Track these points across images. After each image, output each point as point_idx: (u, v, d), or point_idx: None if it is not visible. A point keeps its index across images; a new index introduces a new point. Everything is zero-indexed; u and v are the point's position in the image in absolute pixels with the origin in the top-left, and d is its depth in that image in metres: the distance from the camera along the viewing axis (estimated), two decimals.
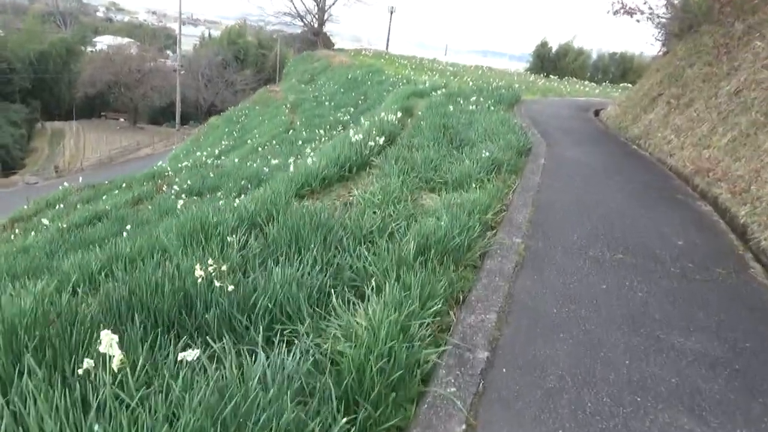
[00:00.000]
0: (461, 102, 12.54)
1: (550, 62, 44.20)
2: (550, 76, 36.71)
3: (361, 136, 7.10)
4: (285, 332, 2.71)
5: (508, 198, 5.87)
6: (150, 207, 9.07)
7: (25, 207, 12.01)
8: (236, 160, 12.78)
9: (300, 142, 13.65)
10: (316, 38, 42.04)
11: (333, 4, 40.30)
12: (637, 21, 14.97)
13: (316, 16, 40.33)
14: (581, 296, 3.56)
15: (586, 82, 33.08)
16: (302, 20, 40.95)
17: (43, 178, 31.83)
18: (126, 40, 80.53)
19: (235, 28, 77.72)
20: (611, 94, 24.33)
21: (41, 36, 53.30)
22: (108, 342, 1.87)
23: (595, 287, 3.72)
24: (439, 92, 14.08)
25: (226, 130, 22.28)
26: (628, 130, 11.71)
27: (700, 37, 11.66)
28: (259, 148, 13.68)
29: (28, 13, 56.30)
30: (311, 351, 2.51)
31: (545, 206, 5.52)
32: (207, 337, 2.54)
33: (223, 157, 15.19)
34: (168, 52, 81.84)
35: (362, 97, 20.51)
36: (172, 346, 2.36)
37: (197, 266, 2.81)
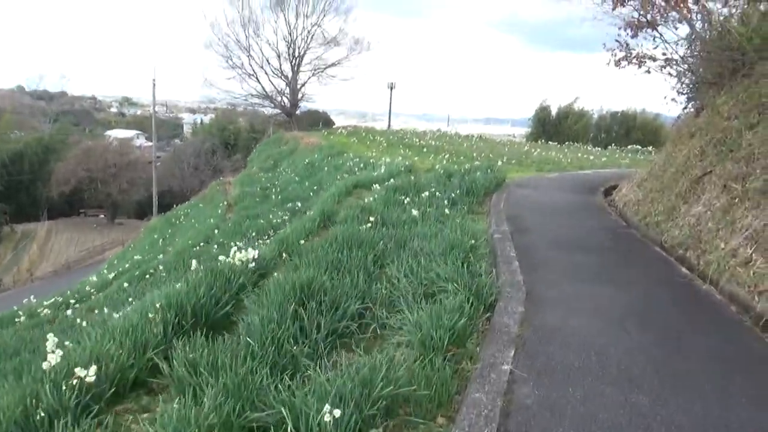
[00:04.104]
0: (405, 201, 8.50)
1: (551, 126, 40.91)
2: (549, 142, 33.22)
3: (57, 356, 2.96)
4: None
5: None
6: None
7: None
8: (68, 312, 8.67)
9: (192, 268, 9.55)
10: (289, 119, 39.00)
11: (305, 82, 37.57)
12: (647, 71, 11.19)
13: (288, 96, 37.47)
14: None
15: (590, 147, 29.26)
16: (272, 101, 38.03)
17: None
18: (132, 132, 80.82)
19: (226, 113, 76.54)
20: (621, 161, 20.33)
21: (16, 137, 51.69)
22: None
23: None
24: (384, 185, 10.10)
25: (155, 236, 18.41)
26: (662, 229, 7.51)
27: (755, 83, 7.70)
28: (125, 284, 9.63)
29: (2, 116, 54.82)
30: None
31: None
32: None
33: (109, 286, 11.14)
34: (177, 140, 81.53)
35: (315, 187, 16.70)
36: None
37: None
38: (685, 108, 10.94)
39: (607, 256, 6.54)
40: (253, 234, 12.44)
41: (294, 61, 36.15)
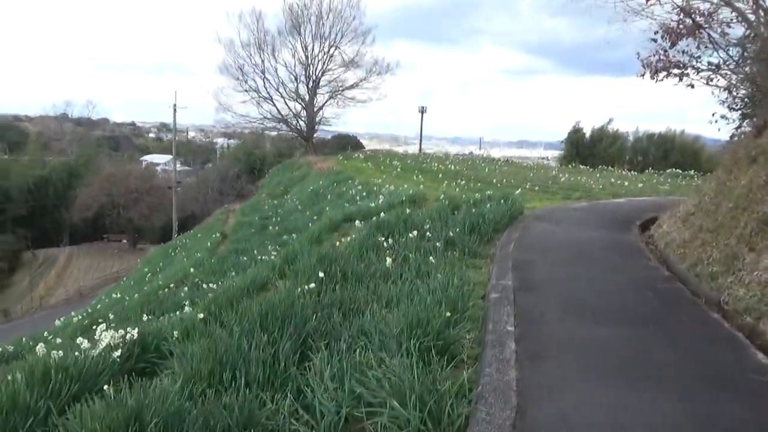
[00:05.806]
0: (387, 244, 6.84)
1: (585, 148, 38.79)
2: (581, 166, 31.24)
3: None
4: None
5: None
6: None
7: None
8: None
9: (145, 318, 8.07)
10: (306, 143, 37.81)
11: (323, 105, 36.34)
12: (690, 85, 9.42)
13: (304, 120, 36.32)
14: None
15: (625, 172, 27.09)
16: (287, 125, 36.91)
17: None
18: (168, 157, 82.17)
19: (252, 137, 76.48)
20: (659, 188, 18.26)
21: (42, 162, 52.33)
22: None
23: None
24: (368, 222, 8.50)
25: (146, 269, 17.17)
26: (720, 284, 5.63)
27: None
28: (59, 340, 8.21)
29: (29, 140, 55.61)
30: None
31: None
32: None
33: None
34: (209, 164, 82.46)
35: (315, 217, 15.20)
36: None
37: None
38: (739, 127, 9.05)
39: (645, 331, 4.71)
40: (233, 274, 10.95)
41: (311, 83, 35.13)
